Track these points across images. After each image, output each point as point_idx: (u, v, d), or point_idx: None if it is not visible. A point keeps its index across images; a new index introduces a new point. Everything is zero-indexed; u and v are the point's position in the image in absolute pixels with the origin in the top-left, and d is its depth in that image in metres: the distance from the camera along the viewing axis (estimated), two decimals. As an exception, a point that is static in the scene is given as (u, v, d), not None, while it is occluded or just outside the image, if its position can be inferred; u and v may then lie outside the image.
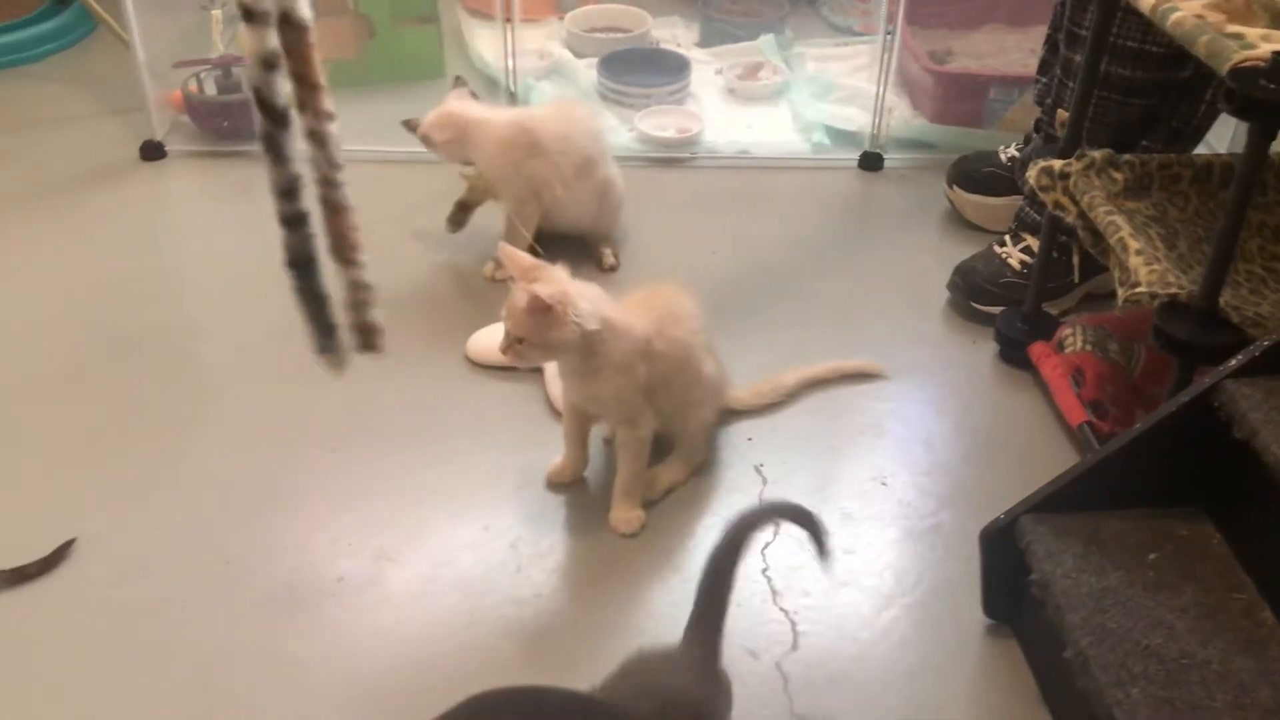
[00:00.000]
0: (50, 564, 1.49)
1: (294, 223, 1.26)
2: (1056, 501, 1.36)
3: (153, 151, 2.38)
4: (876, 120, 2.37)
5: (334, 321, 1.35)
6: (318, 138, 1.24)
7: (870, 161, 2.39)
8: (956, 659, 1.41)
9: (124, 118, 2.49)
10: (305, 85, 1.21)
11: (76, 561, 1.50)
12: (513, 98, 2.41)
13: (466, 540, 1.55)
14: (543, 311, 1.42)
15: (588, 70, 2.65)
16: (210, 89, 2.41)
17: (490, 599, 1.47)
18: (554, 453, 1.65)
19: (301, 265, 1.29)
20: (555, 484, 1.64)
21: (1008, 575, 1.39)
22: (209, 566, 1.50)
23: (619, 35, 2.80)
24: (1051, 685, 1.35)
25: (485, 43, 2.69)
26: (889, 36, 2.31)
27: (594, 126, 2.08)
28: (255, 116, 1.21)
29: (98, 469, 1.65)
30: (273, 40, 1.17)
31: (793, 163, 2.42)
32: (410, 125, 2.03)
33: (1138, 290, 1.43)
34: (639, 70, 2.61)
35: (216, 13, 2.39)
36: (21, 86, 2.67)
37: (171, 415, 1.75)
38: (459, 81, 2.06)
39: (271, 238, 1.31)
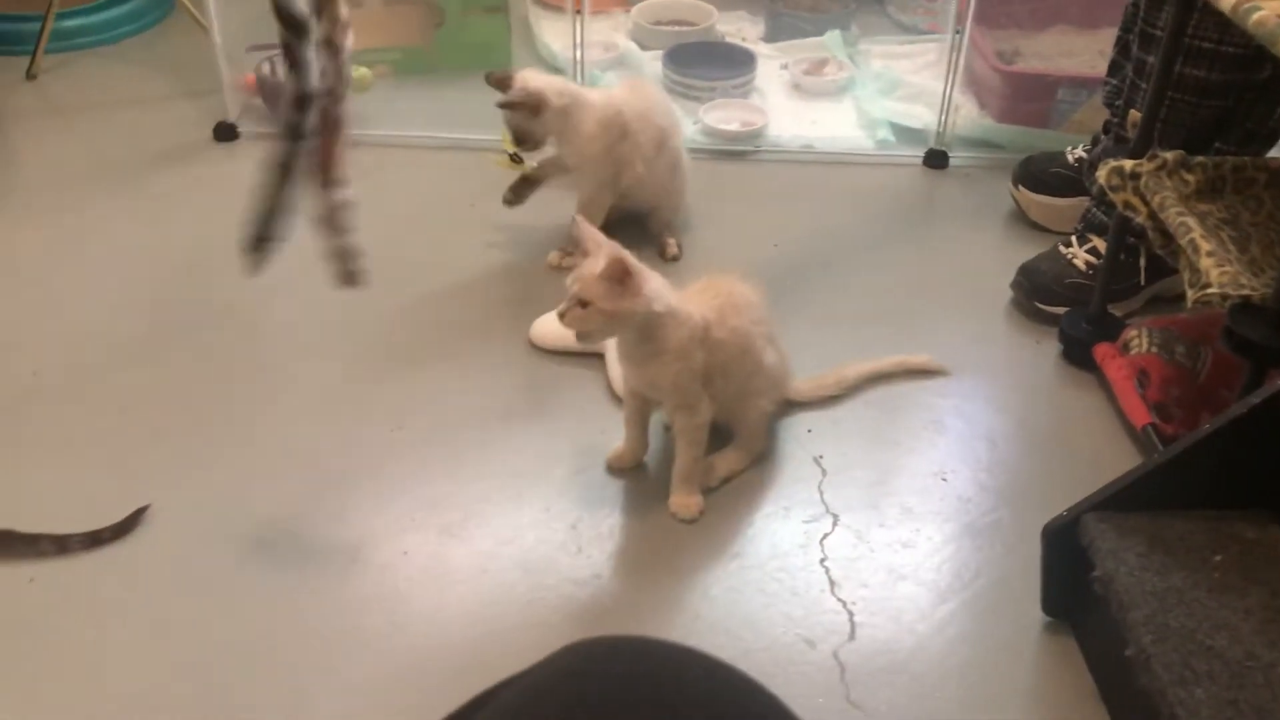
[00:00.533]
0: (124, 529, 1.53)
1: (295, 134, 1.28)
2: (1121, 500, 1.35)
3: (225, 133, 2.42)
4: (943, 118, 2.36)
5: (277, 235, 1.35)
6: (332, 47, 1.25)
7: (935, 159, 2.39)
8: (1013, 655, 1.41)
9: (198, 99, 2.55)
10: None
11: (149, 528, 1.54)
12: (579, 88, 2.42)
13: (528, 520, 1.57)
14: (620, 278, 1.44)
15: (653, 62, 2.66)
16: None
17: (550, 578, 1.49)
18: (614, 437, 1.67)
19: (285, 169, 1.30)
20: (615, 468, 1.65)
21: (1068, 572, 1.38)
22: (276, 537, 1.54)
23: (685, 29, 2.81)
24: (1109, 683, 1.34)
25: (553, 33, 2.71)
26: (958, 35, 2.30)
27: (665, 100, 2.15)
28: (276, 28, 1.23)
29: (170, 440, 1.69)
30: None
31: (857, 159, 2.42)
32: (497, 80, 1.94)
33: (1209, 291, 1.42)
34: (704, 63, 2.62)
35: (292, -3, 2.43)
36: (99, 67, 2.73)
37: (241, 390, 1.79)
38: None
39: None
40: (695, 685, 0.58)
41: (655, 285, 1.48)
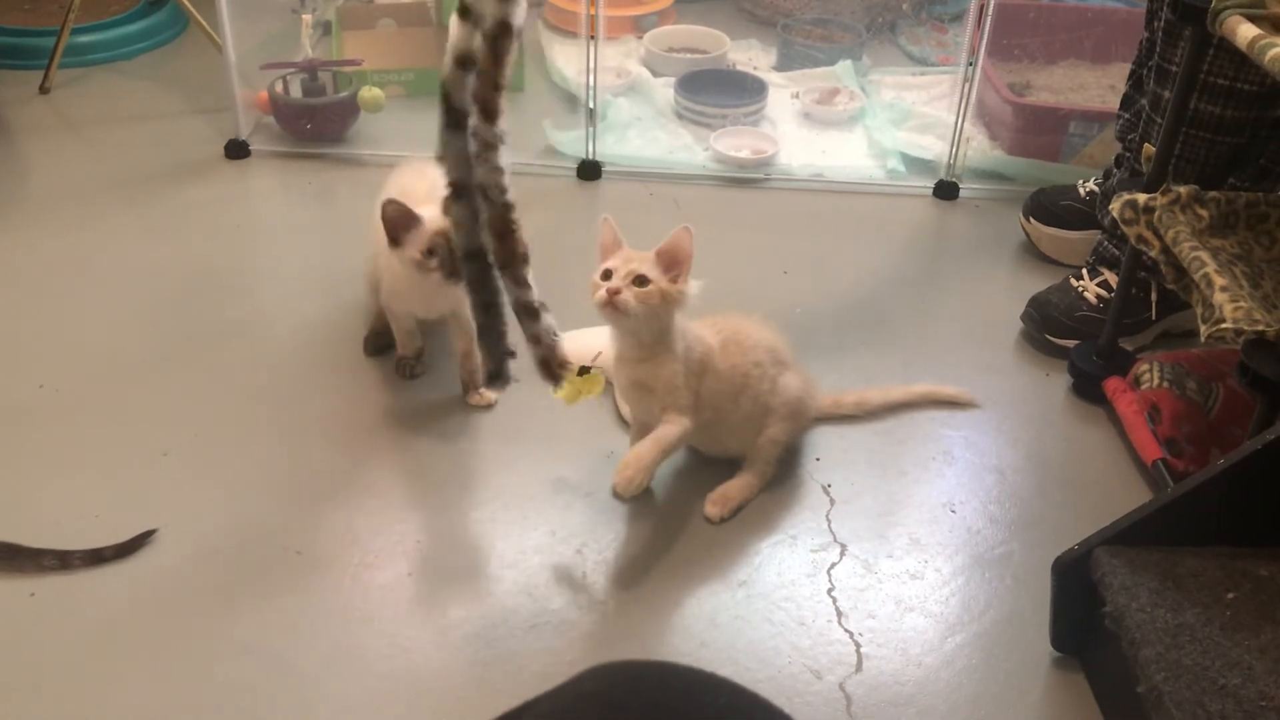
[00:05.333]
0: (127, 550, 1.51)
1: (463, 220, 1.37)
2: (1133, 535, 1.34)
3: (237, 150, 2.43)
4: (954, 149, 2.37)
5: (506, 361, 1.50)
6: (488, 143, 1.30)
7: (945, 190, 2.39)
8: (1021, 690, 1.40)
9: (210, 116, 2.55)
10: (490, 85, 1.28)
11: (151, 544, 1.53)
12: (591, 114, 2.43)
13: (533, 544, 1.56)
14: (682, 259, 1.51)
15: (665, 89, 2.67)
16: (295, 91, 2.45)
17: (555, 603, 1.48)
18: (622, 462, 1.66)
19: (470, 256, 1.40)
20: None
21: (1078, 607, 1.37)
22: (280, 557, 1.52)
23: (697, 56, 2.82)
24: (1120, 721, 1.33)
25: (565, 57, 2.72)
26: (970, 68, 2.30)
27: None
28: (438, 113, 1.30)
29: (175, 456, 1.68)
30: (476, 41, 1.21)
31: (867, 188, 2.42)
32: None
33: (1223, 326, 1.41)
34: (716, 90, 2.62)
35: (307, 17, 2.44)
36: (113, 83, 2.74)
37: (248, 408, 1.78)
38: None
39: (347, 237, 1.32)
40: (720, 712, 0.58)
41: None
